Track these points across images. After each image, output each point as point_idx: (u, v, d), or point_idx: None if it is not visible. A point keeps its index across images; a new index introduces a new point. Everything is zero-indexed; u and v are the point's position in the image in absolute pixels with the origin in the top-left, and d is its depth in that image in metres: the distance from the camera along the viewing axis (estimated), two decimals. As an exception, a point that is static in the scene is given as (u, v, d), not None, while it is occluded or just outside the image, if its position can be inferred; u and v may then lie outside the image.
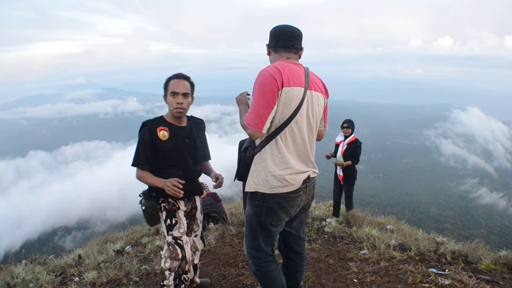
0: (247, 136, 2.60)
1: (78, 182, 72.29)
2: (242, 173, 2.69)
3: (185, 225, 3.10)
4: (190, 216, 3.30)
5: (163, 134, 2.97)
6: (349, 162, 6.43)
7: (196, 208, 3.34)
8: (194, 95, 3.14)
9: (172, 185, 2.81)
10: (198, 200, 3.37)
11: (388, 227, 6.14)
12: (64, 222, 50.49)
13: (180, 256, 2.98)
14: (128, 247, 5.53)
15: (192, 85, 3.08)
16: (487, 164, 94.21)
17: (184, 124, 3.15)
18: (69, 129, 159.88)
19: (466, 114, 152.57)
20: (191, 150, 3.12)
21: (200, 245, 3.49)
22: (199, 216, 3.40)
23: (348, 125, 6.52)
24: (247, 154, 2.64)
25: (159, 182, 2.89)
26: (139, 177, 3.01)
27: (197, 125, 3.27)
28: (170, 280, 2.98)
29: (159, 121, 3.05)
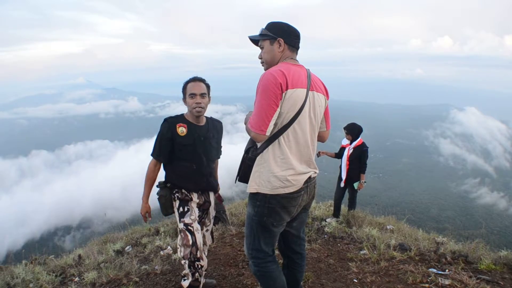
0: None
1: (81, 181, 72.43)
2: (244, 174, 2.68)
3: (197, 213, 3.29)
4: (203, 209, 3.48)
5: (181, 130, 3.19)
6: (360, 186, 6.45)
7: (209, 202, 3.50)
8: (211, 95, 3.33)
9: (143, 214, 3.37)
10: (212, 196, 3.55)
11: (388, 227, 6.11)
12: (67, 221, 50.53)
13: (190, 242, 3.13)
14: (128, 247, 5.51)
15: (208, 86, 3.28)
16: (486, 164, 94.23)
17: (202, 124, 3.34)
18: (70, 129, 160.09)
19: (464, 113, 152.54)
20: (205, 148, 3.32)
21: (209, 240, 3.61)
22: (212, 211, 3.56)
23: (347, 132, 6.46)
24: (249, 155, 2.63)
25: (144, 201, 3.35)
26: (149, 169, 3.27)
27: (215, 126, 3.49)
28: (186, 269, 3.18)
29: (180, 118, 3.27)
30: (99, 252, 5.28)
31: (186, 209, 3.25)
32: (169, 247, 5.15)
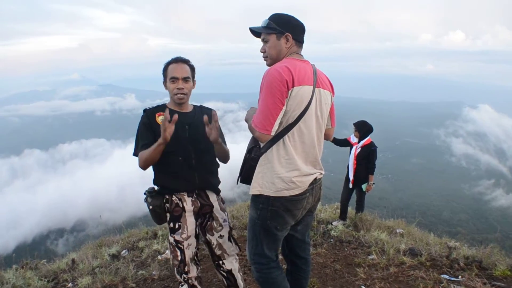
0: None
1: (76, 182, 72.66)
2: (246, 175, 2.66)
3: (191, 228, 3.01)
4: (203, 214, 3.11)
5: (161, 119, 2.86)
6: (369, 188, 6.45)
7: (209, 205, 3.12)
8: (195, 79, 3.09)
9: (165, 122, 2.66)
10: (213, 196, 3.16)
11: (397, 231, 6.10)
12: (60, 224, 50.65)
13: (179, 258, 2.98)
14: (124, 251, 5.52)
15: (192, 69, 3.02)
16: (501, 164, 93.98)
17: (188, 110, 3.09)
18: (64, 127, 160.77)
19: (477, 111, 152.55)
20: (191, 137, 3.01)
21: (229, 248, 3.18)
22: (220, 214, 3.16)
23: (356, 128, 6.45)
24: (252, 155, 2.61)
25: (157, 143, 2.74)
26: (141, 162, 2.88)
27: (204, 113, 3.03)
28: (177, 277, 3.08)
29: (160, 108, 3.04)
30: (93, 257, 5.28)
31: (177, 226, 2.99)
32: (167, 252, 5.14)
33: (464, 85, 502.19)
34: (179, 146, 2.94)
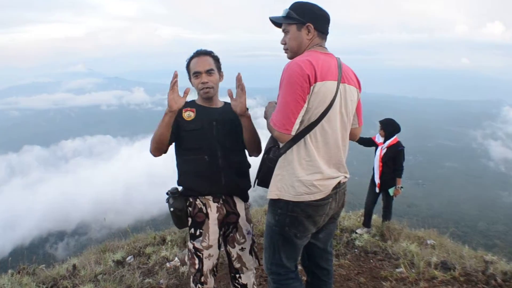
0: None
1: (79, 181, 73.32)
2: (263, 178, 2.66)
3: (214, 238, 2.97)
4: (228, 223, 3.07)
5: (188, 114, 2.96)
6: (397, 192, 6.40)
7: (236, 214, 3.07)
8: (222, 71, 3.10)
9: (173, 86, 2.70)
10: (241, 204, 3.12)
11: (428, 242, 6.05)
12: (61, 226, 51.19)
13: (196, 266, 2.95)
14: (129, 257, 5.55)
15: (216, 59, 3.03)
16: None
17: (217, 106, 3.10)
18: (68, 122, 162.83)
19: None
20: (219, 134, 2.99)
21: (248, 262, 3.14)
22: (245, 225, 3.12)
23: (381, 126, 6.40)
24: (270, 155, 2.59)
25: (164, 114, 2.76)
26: (151, 143, 2.91)
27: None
28: (191, 284, 3.02)
29: (188, 104, 3.04)
30: (96, 262, 5.32)
31: (198, 232, 2.96)
32: (176, 259, 5.16)
33: (503, 82, 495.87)
34: (205, 144, 2.95)
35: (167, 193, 3.04)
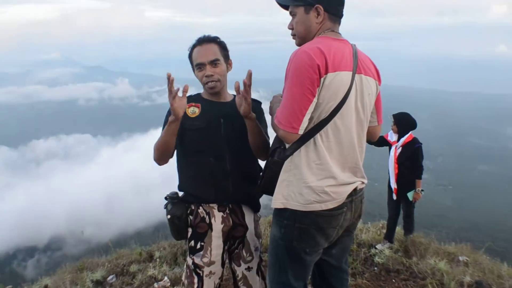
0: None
1: (53, 188, 73.35)
2: (267, 184, 2.62)
3: (216, 253, 2.95)
4: (234, 236, 3.06)
5: (192, 110, 2.92)
6: (417, 196, 6.32)
7: (244, 226, 3.06)
8: (231, 59, 3.04)
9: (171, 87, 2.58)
10: (250, 215, 3.12)
11: (460, 258, 6.05)
12: (31, 241, 51.14)
13: (195, 286, 2.91)
14: (111, 276, 5.55)
15: (222, 47, 2.98)
16: None
17: (225, 100, 3.07)
18: (40, 119, 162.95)
19: None
20: (227, 134, 2.95)
21: (255, 284, 3.12)
22: (253, 240, 3.11)
23: (394, 121, 6.27)
24: (275, 158, 2.55)
25: (167, 123, 2.73)
26: (154, 151, 2.89)
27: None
28: None
29: (193, 98, 3.00)
30: (72, 283, 5.32)
31: (199, 245, 2.93)
32: (166, 278, 5.17)
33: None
34: (210, 144, 2.92)
35: (165, 198, 3.01)
